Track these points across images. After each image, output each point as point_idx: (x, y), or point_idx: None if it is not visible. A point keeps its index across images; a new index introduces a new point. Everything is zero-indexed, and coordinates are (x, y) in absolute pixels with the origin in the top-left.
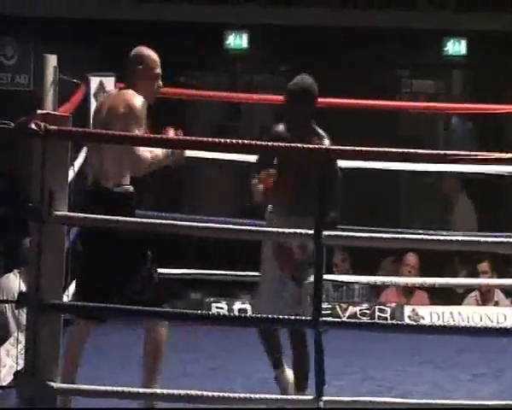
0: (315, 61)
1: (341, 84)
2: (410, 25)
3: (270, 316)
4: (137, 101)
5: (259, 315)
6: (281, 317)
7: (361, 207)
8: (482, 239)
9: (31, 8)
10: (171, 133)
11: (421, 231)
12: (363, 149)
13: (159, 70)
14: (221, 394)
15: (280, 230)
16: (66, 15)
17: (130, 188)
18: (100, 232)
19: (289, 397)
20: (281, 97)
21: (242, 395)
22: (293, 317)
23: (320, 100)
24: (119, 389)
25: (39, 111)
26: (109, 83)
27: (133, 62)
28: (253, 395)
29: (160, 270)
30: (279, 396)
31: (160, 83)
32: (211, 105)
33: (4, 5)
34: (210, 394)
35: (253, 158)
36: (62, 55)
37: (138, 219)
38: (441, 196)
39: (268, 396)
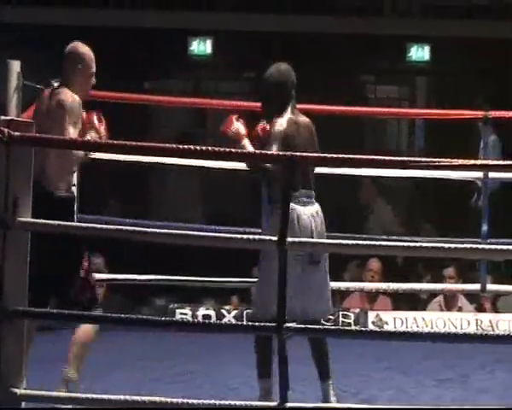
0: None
1: (307, 89)
2: (374, 31)
3: (234, 323)
4: (72, 100)
5: (223, 322)
6: (244, 323)
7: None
8: (447, 246)
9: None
10: (94, 118)
11: (384, 237)
12: (327, 155)
13: (94, 68)
14: (187, 400)
15: (244, 236)
16: (30, 21)
17: (69, 193)
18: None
19: (254, 403)
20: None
21: (210, 402)
22: (256, 323)
23: None
24: (82, 395)
25: (2, 117)
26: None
27: (72, 60)
28: (218, 402)
29: (125, 276)
30: (243, 402)
31: (94, 80)
32: (175, 112)
33: None
34: (176, 400)
35: (218, 164)
36: (26, 61)
37: (100, 226)
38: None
39: (233, 403)
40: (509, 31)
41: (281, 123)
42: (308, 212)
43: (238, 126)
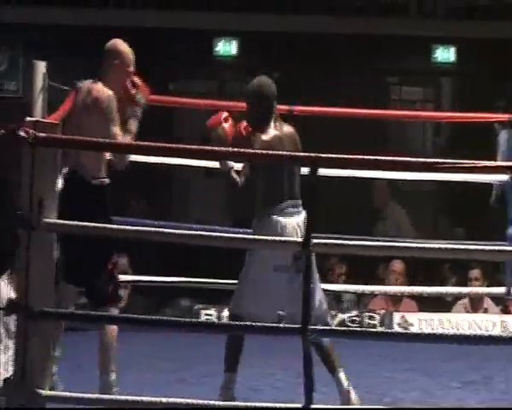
0: (304, 68)
1: (330, 91)
2: (399, 32)
3: (259, 324)
4: (108, 96)
5: (249, 323)
6: (270, 325)
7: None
8: (472, 247)
9: (20, 15)
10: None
11: (409, 240)
12: (351, 157)
13: (132, 68)
14: (211, 402)
15: (270, 238)
16: (56, 22)
17: (106, 180)
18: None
19: (279, 405)
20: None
21: (232, 403)
22: (281, 325)
23: (308, 108)
24: (108, 397)
25: (28, 118)
26: None
27: (110, 56)
28: (242, 404)
29: (150, 278)
30: (269, 405)
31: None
32: (199, 112)
33: None
34: (200, 402)
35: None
36: (52, 62)
37: (121, 227)
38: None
39: (258, 405)
40: None
41: (264, 137)
42: (294, 222)
43: (224, 128)
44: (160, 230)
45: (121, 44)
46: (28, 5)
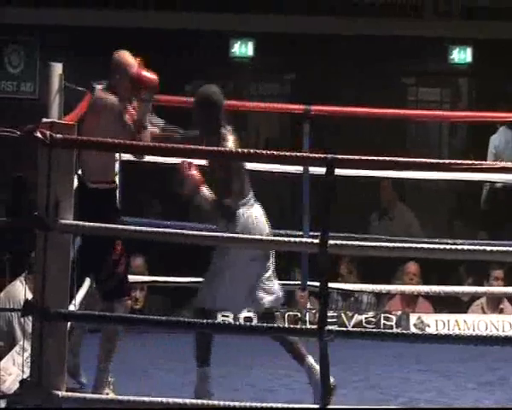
0: (320, 69)
1: (347, 92)
2: (415, 33)
3: (276, 325)
4: (115, 103)
5: (265, 325)
6: (286, 326)
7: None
8: (488, 248)
9: (37, 17)
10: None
11: (425, 240)
12: (369, 158)
13: (134, 74)
14: (226, 403)
15: (286, 239)
16: (72, 23)
17: (107, 185)
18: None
19: (295, 406)
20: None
21: (248, 405)
22: (298, 326)
23: (326, 108)
24: (125, 398)
25: (45, 119)
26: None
27: (112, 70)
28: (258, 404)
29: (167, 278)
30: (285, 405)
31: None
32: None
33: (10, 13)
34: (216, 403)
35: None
36: (68, 63)
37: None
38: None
39: (274, 405)
40: None
41: (231, 143)
42: (260, 212)
43: (194, 174)
44: (172, 230)
45: (119, 56)
46: (45, 7)
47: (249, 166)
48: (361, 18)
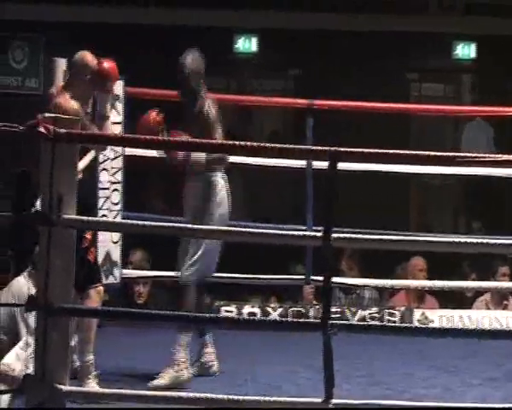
0: (324, 65)
1: (350, 88)
2: (419, 28)
3: (278, 320)
4: (70, 103)
5: (268, 319)
6: (289, 320)
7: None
8: (493, 242)
9: (40, 12)
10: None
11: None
12: (372, 150)
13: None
14: (230, 397)
15: (290, 232)
16: (76, 19)
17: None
18: None
19: (298, 400)
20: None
21: (251, 398)
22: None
23: (329, 103)
24: (128, 392)
25: (47, 114)
26: (117, 87)
27: (74, 68)
28: (261, 398)
29: (171, 273)
30: (288, 399)
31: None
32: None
33: (14, 9)
34: (219, 397)
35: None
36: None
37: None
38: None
39: (277, 399)
40: None
41: (211, 107)
42: (225, 184)
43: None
44: (175, 225)
45: (88, 56)
46: (49, 2)
47: (253, 160)
48: (364, 14)
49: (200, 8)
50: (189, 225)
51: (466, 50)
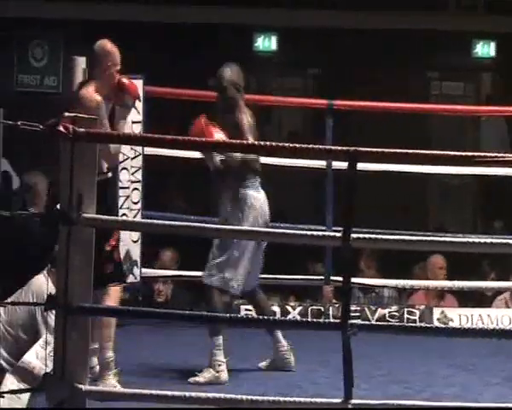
0: (344, 63)
1: (370, 86)
2: (439, 27)
3: (298, 319)
4: (93, 95)
5: (288, 319)
6: (309, 320)
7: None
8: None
9: (60, 11)
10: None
11: (449, 234)
12: (391, 151)
13: (118, 67)
14: (250, 397)
15: (309, 233)
16: (96, 18)
17: (104, 175)
18: None
19: (317, 400)
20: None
21: (270, 399)
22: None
23: (349, 103)
24: (147, 391)
25: (67, 113)
26: (138, 85)
27: (95, 58)
28: (280, 399)
29: (190, 273)
30: (308, 399)
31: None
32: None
33: (34, 8)
34: (238, 397)
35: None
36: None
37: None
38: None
39: (297, 399)
40: None
41: (244, 118)
42: (263, 196)
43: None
44: (195, 224)
45: (105, 46)
46: (69, 0)
47: (272, 160)
48: (384, 12)
49: (221, 6)
50: (208, 225)
51: (486, 49)
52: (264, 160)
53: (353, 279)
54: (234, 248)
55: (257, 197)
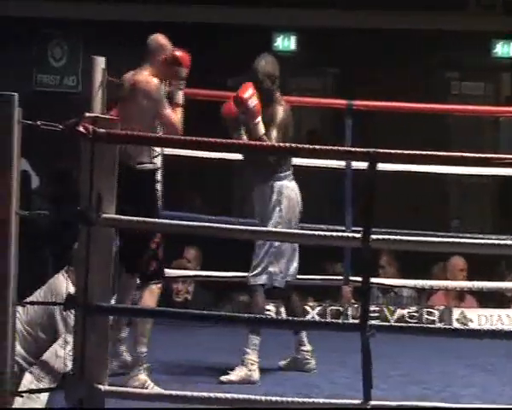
0: (363, 63)
1: (389, 86)
2: (458, 27)
3: (316, 320)
4: (154, 83)
5: (307, 319)
6: (328, 321)
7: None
8: None
9: (79, 11)
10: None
11: (468, 235)
12: (411, 152)
13: (164, 55)
14: (268, 398)
15: (328, 233)
16: (115, 17)
17: (151, 165)
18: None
19: (336, 401)
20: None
21: (290, 399)
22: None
23: (368, 103)
24: (168, 392)
25: (88, 114)
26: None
27: (152, 50)
28: (299, 399)
29: (209, 273)
30: (326, 400)
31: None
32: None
33: (53, 7)
34: (257, 398)
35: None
36: (111, 57)
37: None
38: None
39: (315, 400)
40: None
41: (280, 112)
42: (297, 187)
43: (257, 101)
44: (212, 225)
45: (162, 38)
46: (88, 1)
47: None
48: (404, 12)
49: (240, 6)
50: (226, 226)
51: (506, 49)
52: None
53: (372, 279)
54: (272, 243)
55: (293, 187)
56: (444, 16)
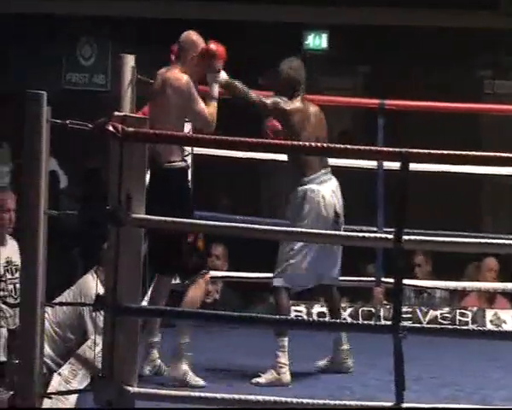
0: (394, 62)
1: (421, 85)
2: (491, 25)
3: (348, 322)
4: (185, 80)
5: (338, 321)
6: (360, 322)
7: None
8: None
9: (109, 8)
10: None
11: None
12: (443, 152)
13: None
14: (300, 400)
15: (360, 234)
16: (145, 15)
17: (182, 164)
18: (155, 203)
19: (369, 404)
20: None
21: (320, 402)
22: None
23: (400, 103)
24: (197, 394)
25: (117, 113)
26: None
27: (185, 48)
28: (331, 402)
29: (239, 274)
30: (358, 403)
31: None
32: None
33: (82, 5)
34: (288, 400)
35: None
36: (140, 55)
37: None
38: None
39: (347, 403)
40: None
41: (289, 105)
42: (329, 189)
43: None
44: (238, 225)
45: (194, 35)
46: None
47: None
48: (435, 10)
49: (271, 3)
50: (253, 226)
51: None
52: None
53: (404, 281)
54: (295, 244)
55: (318, 191)
56: (477, 15)
